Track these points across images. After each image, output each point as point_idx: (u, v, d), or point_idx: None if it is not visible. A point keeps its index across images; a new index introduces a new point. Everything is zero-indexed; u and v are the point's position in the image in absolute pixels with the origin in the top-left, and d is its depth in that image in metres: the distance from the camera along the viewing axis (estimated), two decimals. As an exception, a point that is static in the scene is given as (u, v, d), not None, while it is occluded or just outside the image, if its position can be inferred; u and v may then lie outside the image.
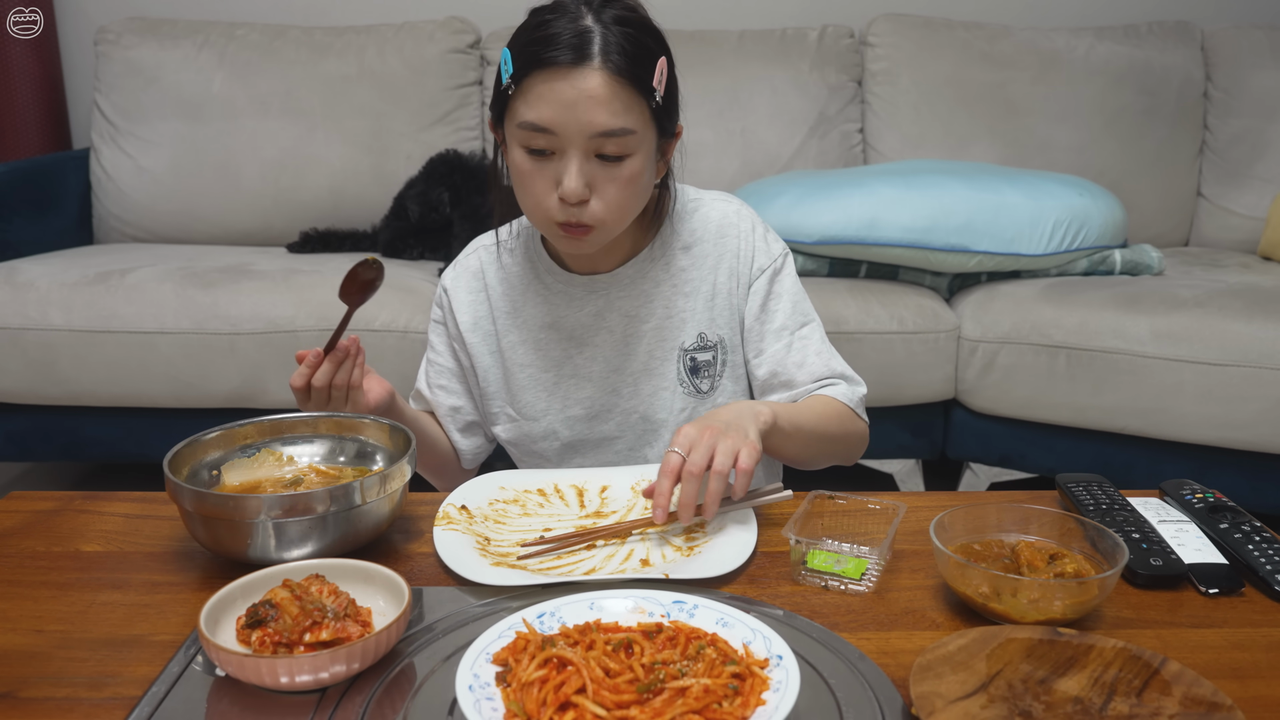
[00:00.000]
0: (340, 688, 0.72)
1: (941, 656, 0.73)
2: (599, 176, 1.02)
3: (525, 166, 1.03)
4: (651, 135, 1.04)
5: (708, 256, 1.17)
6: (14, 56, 2.73)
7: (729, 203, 1.20)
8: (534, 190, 1.04)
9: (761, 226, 1.20)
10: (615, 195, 1.03)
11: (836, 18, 2.89)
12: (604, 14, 1.00)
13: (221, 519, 0.87)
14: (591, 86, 0.98)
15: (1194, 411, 1.93)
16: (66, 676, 0.75)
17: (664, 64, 1.02)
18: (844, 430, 1.16)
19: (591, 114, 0.98)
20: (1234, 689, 0.73)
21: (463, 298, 1.22)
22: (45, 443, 2.20)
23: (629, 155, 1.02)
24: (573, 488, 1.08)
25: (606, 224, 1.05)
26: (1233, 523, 0.95)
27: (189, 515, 0.89)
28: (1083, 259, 2.24)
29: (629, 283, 1.17)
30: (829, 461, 1.19)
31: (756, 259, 1.18)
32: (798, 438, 1.07)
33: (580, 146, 1.00)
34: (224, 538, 0.88)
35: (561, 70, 0.98)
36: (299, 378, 1.08)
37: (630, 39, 1.00)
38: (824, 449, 1.15)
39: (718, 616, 0.76)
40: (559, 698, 0.66)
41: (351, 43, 2.70)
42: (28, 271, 2.15)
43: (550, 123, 0.99)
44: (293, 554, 0.88)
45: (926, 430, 2.22)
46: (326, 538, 0.88)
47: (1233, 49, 2.74)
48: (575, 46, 0.98)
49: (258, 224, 2.67)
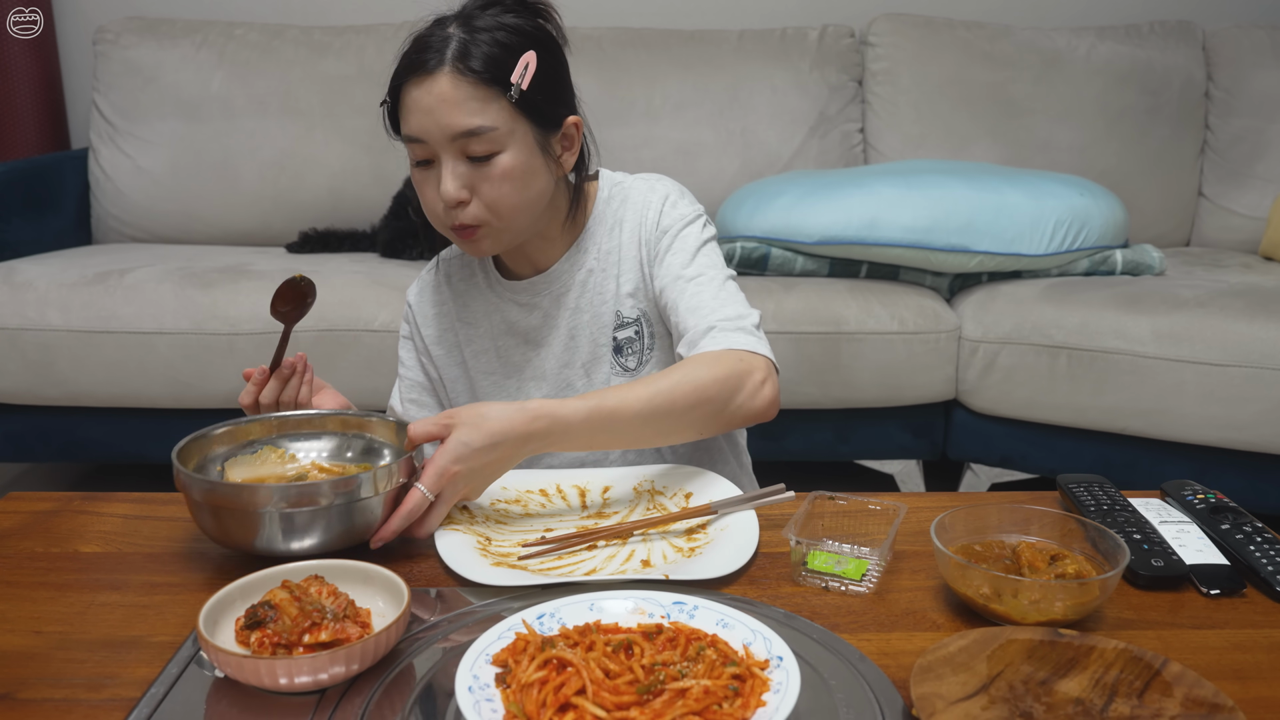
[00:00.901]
0: (339, 689, 0.72)
1: (942, 658, 0.72)
2: (473, 177, 1.04)
3: (416, 177, 1.08)
4: (523, 130, 1.05)
5: (624, 232, 1.18)
6: (13, 56, 2.73)
7: (649, 179, 1.21)
8: (426, 198, 1.08)
9: (675, 195, 1.18)
10: (492, 193, 1.05)
11: (837, 17, 2.89)
12: (476, 21, 1.03)
13: (231, 509, 0.87)
14: (443, 90, 1.01)
15: (1195, 412, 1.93)
16: (65, 678, 0.75)
17: (530, 58, 1.03)
18: (698, 388, 1.01)
19: (448, 116, 1.01)
20: (1235, 690, 0.73)
21: (427, 311, 1.25)
22: (44, 443, 2.20)
23: (498, 152, 1.04)
24: (575, 488, 1.07)
25: (493, 223, 1.07)
26: (1234, 523, 0.95)
27: (197, 506, 0.89)
28: (1084, 259, 2.24)
29: (566, 276, 1.18)
30: (706, 427, 1.06)
31: (662, 221, 1.16)
32: (618, 425, 0.99)
33: (448, 150, 1.03)
34: (232, 529, 0.88)
35: (420, 79, 1.02)
36: (247, 395, 1.09)
37: (492, 40, 1.02)
38: (674, 422, 1.02)
39: (718, 617, 0.76)
40: (559, 699, 0.66)
41: (351, 42, 2.70)
42: (26, 272, 2.14)
43: (417, 131, 1.03)
44: (300, 545, 0.88)
45: (927, 431, 2.21)
46: (333, 530, 0.88)
47: (1234, 49, 2.74)
48: (434, 52, 1.01)
49: (257, 224, 2.67)
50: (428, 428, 0.94)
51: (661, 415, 1.01)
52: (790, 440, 2.17)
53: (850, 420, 2.18)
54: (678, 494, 1.05)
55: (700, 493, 1.04)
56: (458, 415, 0.94)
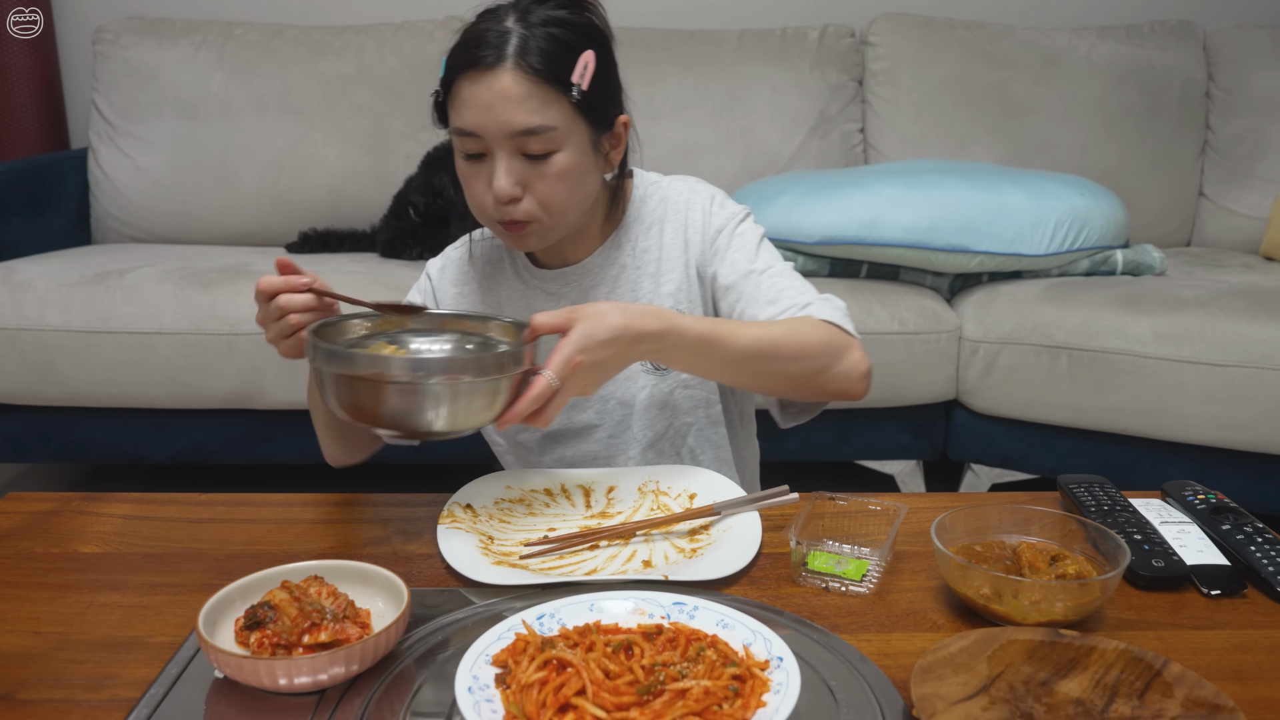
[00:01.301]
0: (339, 689, 0.72)
1: (943, 658, 0.72)
2: (528, 174, 1.04)
3: (464, 169, 1.07)
4: (580, 129, 1.04)
5: (665, 233, 1.18)
6: (12, 56, 2.73)
7: (687, 181, 1.22)
8: (473, 192, 1.07)
9: (720, 195, 1.20)
10: (546, 191, 1.04)
11: (837, 17, 2.89)
12: (531, 16, 1.02)
13: (366, 381, 0.86)
14: (504, 86, 1.00)
15: (1196, 412, 1.93)
16: (64, 678, 0.75)
17: (589, 58, 1.03)
18: (801, 343, 1.04)
19: (508, 114, 1.00)
20: (1236, 691, 0.73)
21: (447, 289, 1.24)
22: (43, 444, 2.19)
23: (555, 151, 1.03)
24: (579, 488, 1.07)
25: (543, 220, 1.06)
26: (1235, 524, 0.95)
27: (331, 379, 0.88)
28: (1084, 259, 2.24)
29: (597, 270, 1.18)
30: (797, 387, 1.08)
31: (714, 221, 1.17)
32: (719, 353, 1.01)
33: (504, 146, 1.02)
34: (364, 401, 0.87)
35: (478, 74, 1.00)
36: (272, 282, 0.97)
37: (550, 37, 1.01)
38: (771, 368, 1.04)
39: (718, 618, 0.76)
40: (559, 699, 0.66)
41: (350, 42, 2.70)
42: (25, 272, 2.14)
43: (473, 126, 1.02)
44: (433, 422, 0.87)
45: (927, 431, 2.21)
46: (468, 406, 0.88)
47: (1235, 49, 2.74)
48: (494, 48, 1.00)
49: (256, 224, 2.66)
50: (551, 318, 0.94)
51: (765, 358, 1.03)
52: (790, 441, 2.16)
53: (851, 421, 2.18)
54: (681, 494, 1.05)
55: (704, 493, 1.04)
56: (580, 310, 0.95)
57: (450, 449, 2.22)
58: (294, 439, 2.18)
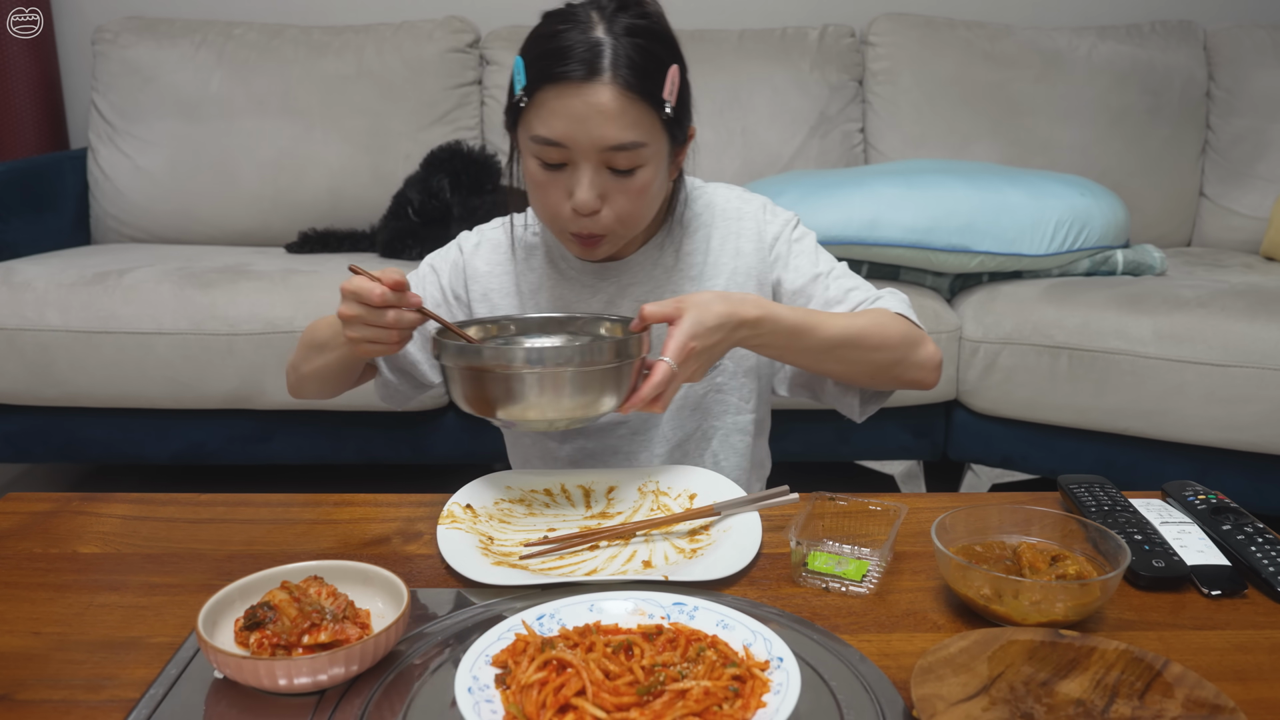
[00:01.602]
0: (339, 690, 0.72)
1: (943, 659, 0.72)
2: (611, 187, 1.03)
3: (539, 177, 1.04)
4: (664, 144, 1.04)
5: (713, 239, 1.18)
6: (11, 56, 2.73)
7: (732, 189, 1.23)
8: (548, 200, 1.05)
9: (769, 203, 1.22)
10: (625, 205, 1.04)
11: (837, 17, 2.89)
12: (616, 23, 0.99)
13: (491, 372, 0.92)
14: (602, 101, 0.98)
15: (1196, 412, 1.93)
16: (64, 679, 0.75)
17: (675, 73, 1.02)
18: (883, 334, 1.08)
19: (602, 129, 0.98)
20: (1237, 691, 0.73)
21: (479, 266, 1.21)
22: (42, 444, 2.19)
23: (641, 166, 1.02)
24: (579, 488, 1.07)
25: (618, 232, 1.06)
26: (1235, 524, 0.95)
27: (459, 373, 0.94)
28: (1085, 259, 2.24)
29: (639, 269, 1.17)
30: (878, 375, 1.11)
31: (770, 229, 1.19)
32: (810, 341, 1.04)
33: (591, 160, 1.01)
34: (491, 390, 0.93)
35: (572, 85, 0.98)
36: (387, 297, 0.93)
37: (641, 50, 0.99)
38: (856, 356, 1.08)
39: (718, 618, 0.76)
40: (558, 700, 0.66)
41: (350, 42, 2.70)
42: (25, 272, 2.14)
43: (561, 137, 1.00)
44: (560, 407, 0.94)
45: (928, 431, 2.21)
46: (595, 391, 0.94)
47: (1235, 48, 2.74)
48: (586, 61, 0.97)
49: (256, 224, 2.66)
50: (660, 308, 0.98)
51: (850, 346, 1.06)
52: (791, 441, 2.16)
53: (851, 421, 2.18)
54: (681, 495, 1.05)
55: (704, 494, 1.04)
56: (687, 299, 0.99)
57: (450, 449, 2.23)
58: (293, 439, 2.17)
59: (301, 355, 1.15)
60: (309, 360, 1.13)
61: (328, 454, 2.19)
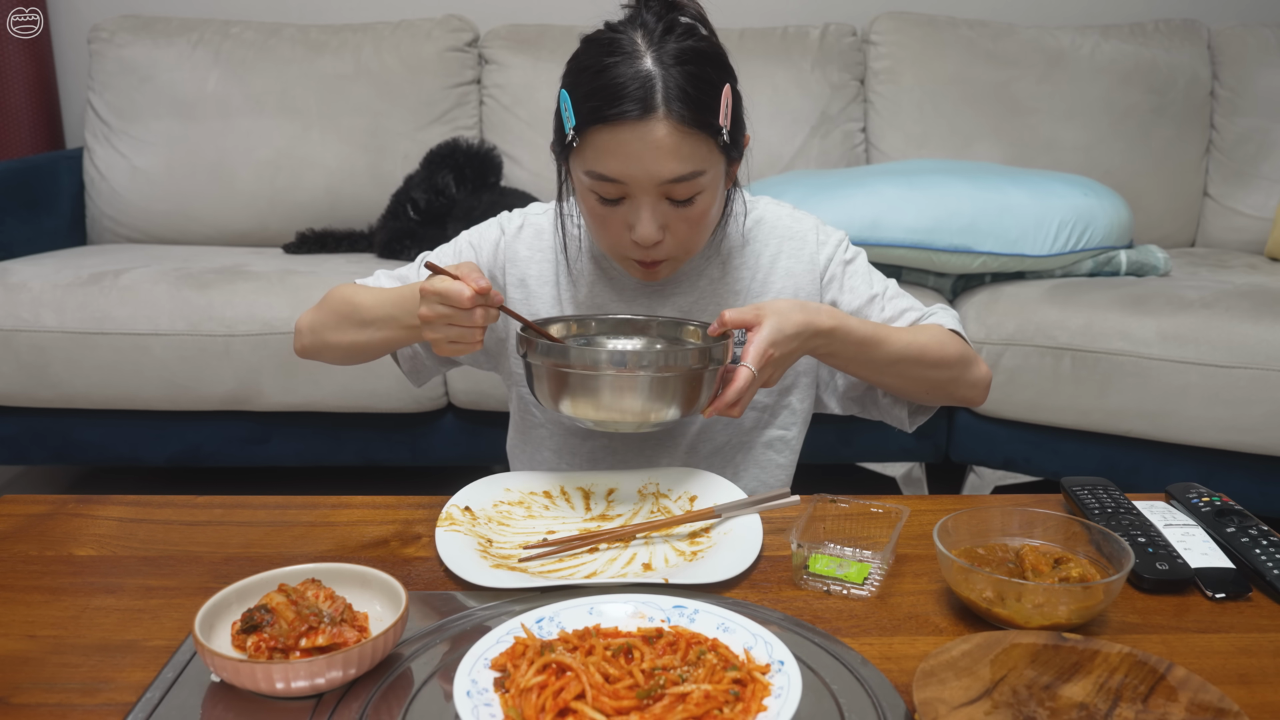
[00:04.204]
0: (336, 693, 0.72)
1: (945, 662, 0.72)
2: (671, 217, 1.02)
3: (598, 211, 1.03)
4: (720, 166, 1.03)
5: (763, 256, 1.18)
6: (7, 55, 2.72)
7: (782, 205, 1.23)
8: (608, 233, 1.05)
9: (820, 222, 1.23)
10: (687, 232, 1.04)
11: (838, 16, 2.88)
12: (664, 49, 0.97)
13: (581, 372, 0.94)
14: (658, 138, 0.96)
15: (1200, 414, 1.92)
16: (60, 682, 0.75)
17: (728, 93, 1.00)
18: (943, 352, 1.10)
19: (659, 164, 0.97)
20: (1241, 695, 0.72)
21: (520, 250, 1.19)
22: (38, 446, 2.19)
23: (700, 193, 1.01)
24: (579, 490, 1.07)
25: (679, 256, 1.07)
26: (1240, 526, 0.94)
27: (547, 372, 0.97)
28: (1088, 260, 2.23)
29: (684, 279, 1.17)
30: (934, 391, 1.13)
31: (823, 251, 1.19)
32: (876, 354, 1.06)
33: (650, 194, 1.00)
34: (577, 389, 0.96)
35: (627, 124, 0.96)
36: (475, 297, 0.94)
37: (693, 78, 0.97)
38: (917, 372, 1.10)
39: (719, 621, 0.75)
40: (558, 703, 0.65)
41: (348, 41, 2.69)
42: (20, 272, 2.13)
43: (618, 175, 0.99)
44: (645, 410, 0.96)
45: (930, 433, 2.20)
46: (680, 396, 0.96)
47: (1240, 48, 2.73)
48: (639, 99, 0.95)
49: (253, 224, 2.66)
50: (740, 314, 1.00)
51: (912, 361, 1.08)
52: (791, 441, 2.16)
53: (852, 422, 2.17)
54: (682, 497, 1.04)
55: (704, 496, 1.03)
56: (765, 306, 1.01)
57: (449, 451, 2.22)
58: (291, 441, 2.17)
59: (331, 322, 1.12)
60: (342, 331, 1.11)
61: (325, 456, 2.19)
